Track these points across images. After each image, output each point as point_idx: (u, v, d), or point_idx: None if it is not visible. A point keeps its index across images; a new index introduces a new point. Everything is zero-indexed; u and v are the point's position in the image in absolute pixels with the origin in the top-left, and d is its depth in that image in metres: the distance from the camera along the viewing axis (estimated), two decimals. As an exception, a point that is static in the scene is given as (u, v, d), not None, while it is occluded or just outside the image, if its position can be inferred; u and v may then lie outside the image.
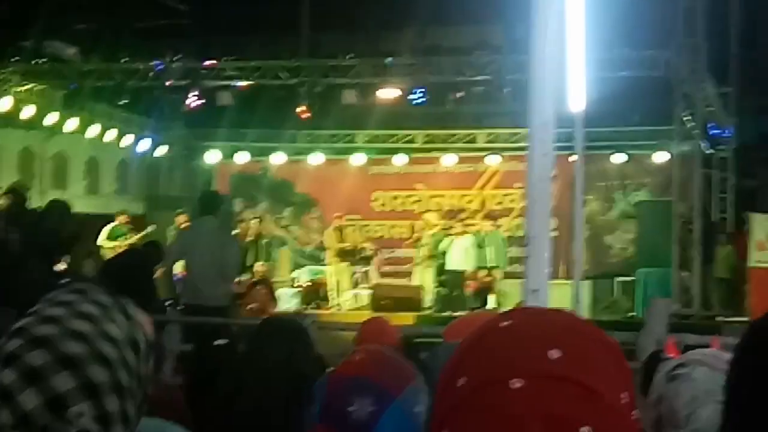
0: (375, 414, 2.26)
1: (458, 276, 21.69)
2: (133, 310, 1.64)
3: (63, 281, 2.86)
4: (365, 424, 2.25)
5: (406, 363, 2.47)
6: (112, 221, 22.16)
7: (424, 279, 22.36)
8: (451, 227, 23.05)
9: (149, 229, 22.07)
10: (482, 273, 21.95)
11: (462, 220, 23.40)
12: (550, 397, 1.17)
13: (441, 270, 22.20)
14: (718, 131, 21.88)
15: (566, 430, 1.16)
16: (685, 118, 20.37)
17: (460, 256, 21.66)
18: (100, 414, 1.49)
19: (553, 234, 9.77)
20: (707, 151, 21.94)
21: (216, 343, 3.83)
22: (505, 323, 1.29)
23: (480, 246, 22.02)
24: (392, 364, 2.43)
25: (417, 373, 2.42)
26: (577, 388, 1.19)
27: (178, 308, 11.54)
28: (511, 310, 1.38)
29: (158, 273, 12.67)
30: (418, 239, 22.86)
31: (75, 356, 1.49)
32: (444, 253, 21.91)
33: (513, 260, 23.73)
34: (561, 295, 13.35)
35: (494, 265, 21.90)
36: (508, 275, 22.51)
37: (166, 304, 11.43)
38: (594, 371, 1.22)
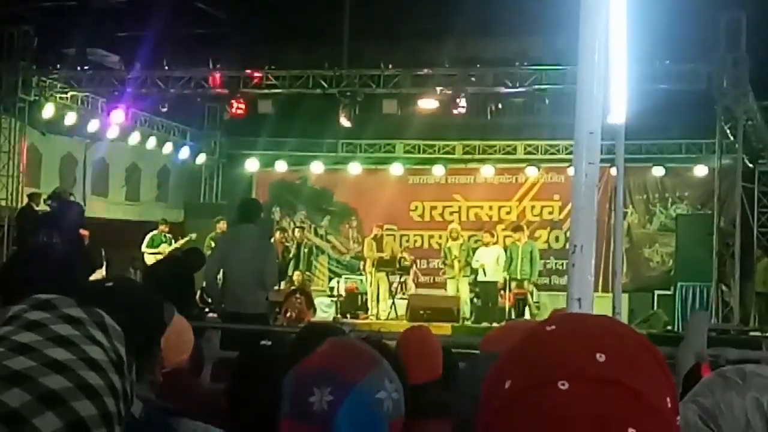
0: (334, 403, 2.25)
1: (492, 287, 21.61)
2: (108, 319, 1.42)
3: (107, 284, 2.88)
4: (326, 414, 2.25)
5: (370, 350, 2.45)
6: (154, 229, 22.38)
7: (460, 290, 22.26)
8: (478, 238, 23.03)
9: (189, 237, 22.21)
10: (513, 284, 21.83)
11: (489, 230, 23.31)
12: (598, 399, 1.19)
13: (474, 281, 22.14)
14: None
15: (615, 431, 1.18)
16: (726, 132, 20.24)
17: (490, 266, 21.58)
18: None
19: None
20: (748, 165, 21.81)
21: (262, 342, 3.83)
22: (551, 327, 1.31)
23: (511, 257, 21.94)
24: (352, 353, 2.42)
25: (380, 359, 2.40)
26: (624, 390, 1.21)
27: (216, 315, 11.56)
28: (555, 316, 1.40)
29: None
30: (448, 250, 22.67)
31: (58, 393, 1.28)
32: (479, 265, 21.78)
33: (549, 272, 23.68)
34: (599, 308, 13.14)
35: (524, 277, 21.71)
36: (542, 287, 22.46)
37: (206, 311, 11.47)
38: (640, 374, 1.23)
